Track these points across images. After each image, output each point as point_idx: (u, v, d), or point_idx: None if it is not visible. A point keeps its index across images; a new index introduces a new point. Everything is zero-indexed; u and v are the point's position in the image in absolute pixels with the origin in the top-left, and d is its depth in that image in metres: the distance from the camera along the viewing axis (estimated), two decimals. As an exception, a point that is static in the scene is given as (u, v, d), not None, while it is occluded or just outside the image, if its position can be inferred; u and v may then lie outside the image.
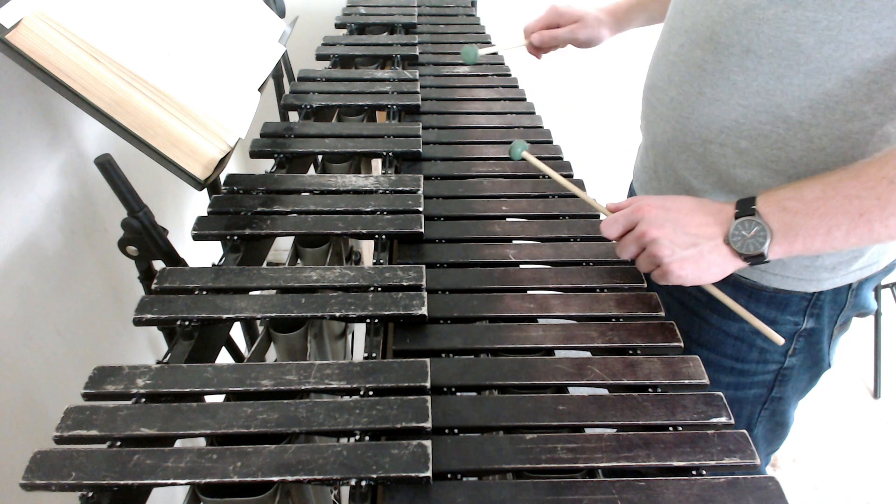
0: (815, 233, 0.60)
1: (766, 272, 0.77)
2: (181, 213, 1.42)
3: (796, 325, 0.80)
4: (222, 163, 0.79)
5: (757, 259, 0.62)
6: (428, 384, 0.59)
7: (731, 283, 0.79)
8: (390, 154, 0.95)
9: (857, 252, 0.74)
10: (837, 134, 0.65)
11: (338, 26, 1.40)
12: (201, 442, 0.56)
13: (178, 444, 0.55)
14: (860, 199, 0.57)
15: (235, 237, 0.77)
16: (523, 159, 0.79)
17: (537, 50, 1.07)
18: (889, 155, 0.58)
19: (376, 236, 0.78)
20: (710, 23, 0.70)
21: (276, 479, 0.51)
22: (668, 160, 0.81)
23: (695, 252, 0.63)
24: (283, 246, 2.00)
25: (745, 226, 0.62)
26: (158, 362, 0.62)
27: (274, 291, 0.69)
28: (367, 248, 1.50)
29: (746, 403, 0.88)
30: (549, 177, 0.78)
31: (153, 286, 0.69)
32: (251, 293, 0.69)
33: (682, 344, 0.66)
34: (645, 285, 0.73)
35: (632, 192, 0.98)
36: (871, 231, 0.58)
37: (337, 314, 0.66)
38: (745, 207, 0.62)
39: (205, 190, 0.79)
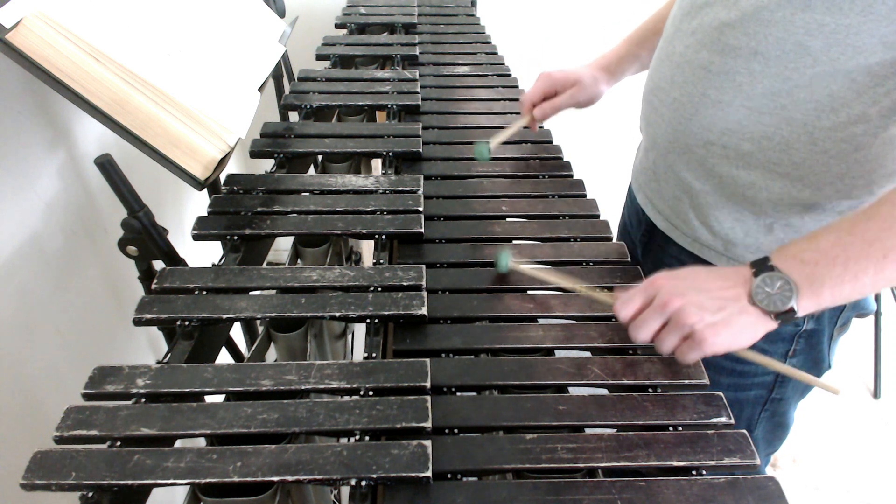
0: (841, 281, 0.57)
1: None
2: (181, 213, 1.42)
3: (796, 327, 0.80)
4: (222, 163, 0.79)
5: (787, 315, 0.58)
6: (428, 384, 0.59)
7: None
8: (390, 154, 0.95)
9: None
10: (841, 136, 0.65)
11: (338, 26, 1.40)
12: (201, 442, 0.56)
13: (178, 444, 0.55)
14: (881, 240, 0.56)
15: (235, 237, 0.77)
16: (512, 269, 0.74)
17: (537, 121, 1.01)
18: None
19: (376, 236, 0.78)
20: (718, 24, 0.69)
21: (276, 479, 0.51)
22: (668, 161, 0.81)
23: (724, 315, 0.59)
24: (283, 246, 2.00)
25: (766, 282, 0.59)
26: (158, 362, 0.62)
27: (274, 291, 0.69)
28: (367, 248, 1.49)
29: (747, 405, 0.88)
30: (543, 280, 0.72)
31: (153, 286, 0.69)
32: (251, 293, 0.69)
33: (682, 344, 0.66)
34: (645, 285, 0.73)
35: (630, 193, 0.98)
36: None
37: (337, 314, 0.66)
38: (762, 265, 0.60)
39: (205, 190, 0.79)
